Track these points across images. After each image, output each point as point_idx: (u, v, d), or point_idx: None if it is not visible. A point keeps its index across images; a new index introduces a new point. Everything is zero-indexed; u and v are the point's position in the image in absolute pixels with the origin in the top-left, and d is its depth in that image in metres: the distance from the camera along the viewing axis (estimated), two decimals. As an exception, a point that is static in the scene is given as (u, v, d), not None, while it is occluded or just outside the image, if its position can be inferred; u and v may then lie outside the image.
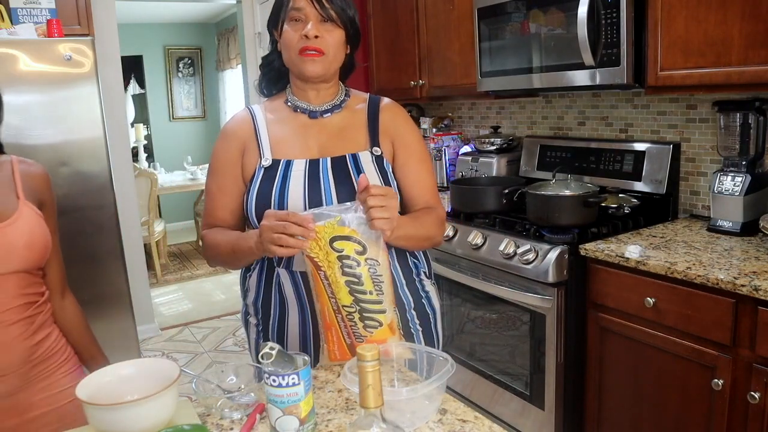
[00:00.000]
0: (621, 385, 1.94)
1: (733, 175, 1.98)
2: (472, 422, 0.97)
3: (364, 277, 1.10)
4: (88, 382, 0.97)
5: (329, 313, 1.12)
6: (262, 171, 1.28)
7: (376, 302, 1.12)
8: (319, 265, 1.09)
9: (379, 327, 1.13)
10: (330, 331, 1.14)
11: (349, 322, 1.12)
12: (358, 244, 1.09)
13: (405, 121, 1.39)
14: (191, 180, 5.82)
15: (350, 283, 1.10)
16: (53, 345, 1.23)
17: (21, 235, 1.14)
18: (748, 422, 1.59)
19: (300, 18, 1.24)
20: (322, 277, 1.10)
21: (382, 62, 3.43)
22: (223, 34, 6.72)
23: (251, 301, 1.39)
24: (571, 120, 2.76)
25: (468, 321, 2.44)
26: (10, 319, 1.13)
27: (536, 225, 2.18)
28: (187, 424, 0.93)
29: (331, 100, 1.35)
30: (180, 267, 5.67)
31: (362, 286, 1.10)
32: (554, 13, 2.19)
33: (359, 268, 1.09)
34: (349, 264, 1.09)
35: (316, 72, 1.26)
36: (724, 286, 1.58)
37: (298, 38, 1.24)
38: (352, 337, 1.13)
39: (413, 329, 1.40)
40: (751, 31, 1.70)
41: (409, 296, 1.39)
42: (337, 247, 1.08)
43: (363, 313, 1.11)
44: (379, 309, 1.12)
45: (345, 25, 1.27)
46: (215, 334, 4.00)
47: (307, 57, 1.24)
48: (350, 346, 1.14)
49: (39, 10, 3.02)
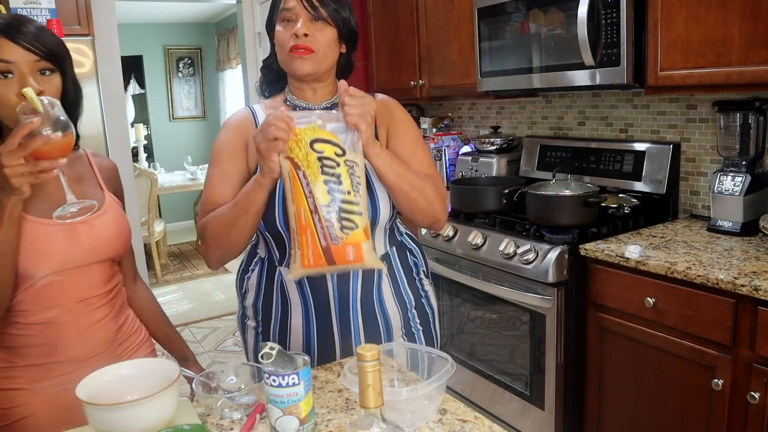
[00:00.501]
0: (621, 385, 1.94)
1: (733, 175, 1.98)
2: (472, 422, 0.97)
3: (343, 177, 1.11)
4: (88, 382, 0.97)
5: (305, 214, 1.11)
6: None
7: (354, 203, 1.12)
8: (298, 165, 1.10)
9: (355, 229, 1.12)
10: (305, 234, 1.11)
11: (326, 222, 1.11)
12: (337, 147, 1.11)
13: (399, 111, 1.39)
14: (191, 180, 5.82)
15: (329, 182, 1.11)
16: (131, 326, 1.32)
17: (112, 224, 1.22)
18: (748, 422, 1.59)
19: (291, 18, 1.25)
20: (301, 176, 1.10)
21: (382, 62, 3.43)
22: (223, 34, 6.72)
23: (250, 303, 1.38)
24: (571, 120, 2.76)
25: (468, 321, 2.44)
26: (97, 303, 1.21)
27: (536, 225, 2.18)
28: (187, 424, 0.94)
29: (329, 98, 1.35)
30: (180, 267, 5.67)
31: (341, 185, 1.11)
32: (554, 13, 2.19)
33: (339, 169, 1.11)
34: (329, 164, 1.10)
35: (306, 70, 1.26)
36: (724, 286, 1.58)
37: (288, 37, 1.25)
38: (328, 239, 1.11)
39: (414, 328, 1.40)
40: (751, 31, 1.70)
41: (410, 295, 1.39)
42: (317, 148, 1.10)
43: (341, 212, 1.11)
44: (356, 210, 1.12)
45: (337, 24, 1.27)
46: (215, 334, 4.00)
47: (296, 55, 1.24)
48: (325, 249, 1.11)
49: (39, 10, 3.01)
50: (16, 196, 1.00)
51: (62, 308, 1.16)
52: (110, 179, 1.31)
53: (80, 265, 1.17)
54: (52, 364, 1.16)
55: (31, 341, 1.15)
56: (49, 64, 1.10)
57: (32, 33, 1.08)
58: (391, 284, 1.36)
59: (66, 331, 1.16)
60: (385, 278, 1.34)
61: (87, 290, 1.19)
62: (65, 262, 1.15)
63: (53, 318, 1.15)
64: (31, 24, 1.09)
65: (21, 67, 1.06)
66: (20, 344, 1.15)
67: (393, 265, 1.37)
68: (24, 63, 1.06)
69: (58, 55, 1.12)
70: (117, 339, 1.25)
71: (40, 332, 1.15)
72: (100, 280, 1.22)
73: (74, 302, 1.17)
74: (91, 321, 1.20)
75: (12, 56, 1.05)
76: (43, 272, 1.13)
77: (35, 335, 1.15)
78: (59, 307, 1.15)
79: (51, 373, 1.16)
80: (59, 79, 1.13)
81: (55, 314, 1.15)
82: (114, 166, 1.35)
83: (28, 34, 1.07)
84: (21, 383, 1.16)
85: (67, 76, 1.15)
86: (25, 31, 1.07)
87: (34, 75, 1.08)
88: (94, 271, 1.20)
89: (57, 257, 1.13)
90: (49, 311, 1.15)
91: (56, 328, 1.16)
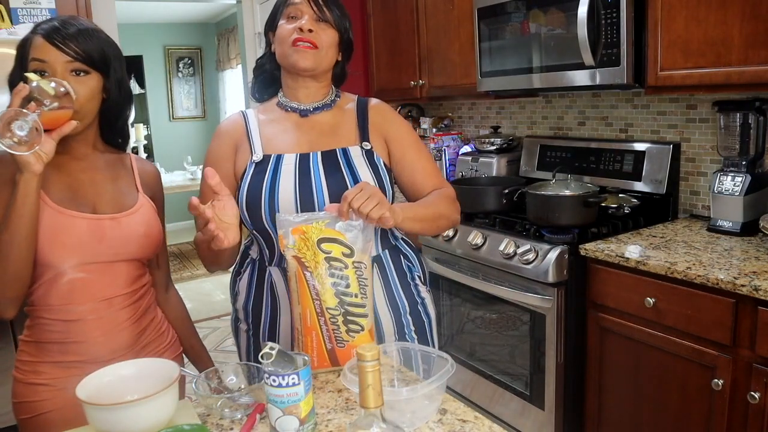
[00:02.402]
0: (621, 385, 1.94)
1: (733, 175, 1.98)
2: (472, 422, 0.97)
3: (351, 280, 1.10)
4: (88, 382, 0.97)
5: (311, 316, 1.11)
6: (253, 166, 1.29)
7: (360, 306, 1.12)
8: (305, 265, 1.09)
9: (360, 332, 1.12)
10: (309, 336, 1.12)
11: (332, 325, 1.11)
12: (345, 247, 1.10)
13: (393, 116, 1.41)
14: (191, 180, 5.82)
15: (336, 285, 1.10)
16: (158, 328, 1.33)
17: (140, 224, 1.24)
18: (748, 422, 1.59)
19: (296, 15, 1.28)
20: (308, 277, 1.10)
21: (382, 62, 3.43)
22: (223, 34, 6.72)
23: (241, 305, 1.38)
24: (571, 120, 2.76)
25: (468, 321, 2.44)
26: (121, 303, 1.23)
27: (536, 225, 2.18)
28: (187, 424, 0.93)
29: (322, 99, 1.36)
30: (180, 267, 5.67)
31: (348, 288, 1.10)
32: (554, 13, 2.19)
33: (347, 270, 1.10)
34: (336, 266, 1.09)
35: (307, 64, 1.27)
36: (724, 286, 1.58)
37: (291, 30, 1.27)
38: (333, 341, 1.12)
39: (408, 336, 1.38)
40: (751, 31, 1.70)
41: (404, 300, 1.38)
42: (325, 248, 1.09)
43: (347, 316, 1.11)
44: (362, 313, 1.12)
45: (339, 29, 1.31)
46: (215, 334, 4.00)
47: (299, 48, 1.26)
48: (330, 351, 1.12)
49: (39, 10, 3.01)
50: (28, 171, 1.03)
51: (86, 306, 1.18)
52: (149, 183, 1.33)
53: (104, 261, 1.19)
54: (75, 362, 1.19)
55: (55, 337, 1.19)
56: (83, 66, 1.14)
57: (70, 35, 1.13)
58: (384, 289, 1.35)
59: (89, 330, 1.19)
60: (377, 281, 1.33)
61: (111, 289, 1.21)
62: (87, 255, 1.17)
63: (77, 316, 1.18)
64: (73, 27, 1.15)
65: (54, 66, 1.12)
66: (46, 339, 1.19)
67: (386, 268, 1.36)
68: (57, 63, 1.12)
69: (97, 58, 1.16)
70: (140, 342, 1.26)
71: (64, 329, 1.18)
72: (126, 280, 1.23)
73: (98, 300, 1.19)
74: (114, 322, 1.22)
75: (47, 56, 1.12)
76: (65, 264, 1.15)
77: (60, 332, 1.18)
78: (83, 304, 1.18)
79: (74, 371, 1.17)
80: (97, 81, 1.17)
81: (79, 312, 1.18)
82: (155, 172, 1.37)
83: (66, 36, 1.13)
84: (46, 379, 1.19)
85: (110, 79, 1.20)
86: (63, 33, 1.13)
87: (67, 75, 1.13)
88: (120, 269, 1.22)
89: (79, 249, 1.16)
90: (73, 308, 1.18)
91: (80, 326, 1.19)
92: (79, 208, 1.19)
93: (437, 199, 1.33)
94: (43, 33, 1.13)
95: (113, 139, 1.30)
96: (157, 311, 1.35)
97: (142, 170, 1.33)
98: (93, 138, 1.25)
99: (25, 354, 1.21)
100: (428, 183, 1.36)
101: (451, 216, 1.34)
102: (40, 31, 1.14)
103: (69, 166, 1.22)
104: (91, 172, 1.24)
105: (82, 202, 1.20)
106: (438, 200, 1.32)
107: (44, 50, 1.12)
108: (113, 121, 1.26)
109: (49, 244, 1.13)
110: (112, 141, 1.30)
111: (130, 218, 1.23)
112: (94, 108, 1.19)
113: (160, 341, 1.33)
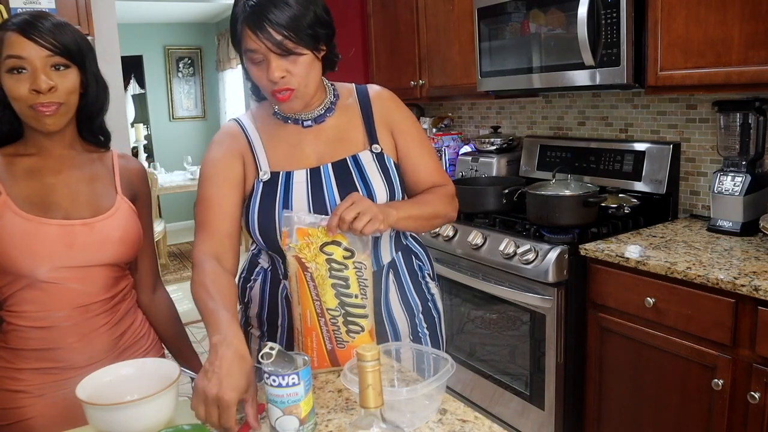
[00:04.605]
0: (621, 385, 1.93)
1: (733, 175, 1.98)
2: (472, 422, 0.97)
3: (351, 280, 1.11)
4: (87, 382, 0.97)
5: (311, 317, 1.11)
6: (261, 185, 1.23)
7: (360, 306, 1.12)
8: (306, 266, 1.09)
9: (360, 332, 1.13)
10: (310, 337, 1.12)
11: (332, 326, 1.11)
12: (345, 250, 1.10)
13: (397, 106, 1.35)
14: (191, 180, 5.81)
15: (337, 286, 1.10)
16: (137, 331, 1.28)
17: (116, 229, 1.19)
18: (748, 422, 1.59)
19: (259, 59, 1.14)
20: (309, 278, 1.10)
21: (382, 62, 3.42)
22: (223, 34, 6.71)
23: (254, 314, 1.35)
24: (571, 120, 2.76)
25: (468, 321, 2.44)
26: (98, 309, 1.19)
27: (536, 225, 2.17)
28: (187, 424, 0.93)
29: (320, 105, 1.28)
30: (180, 267, 5.67)
31: (348, 289, 1.11)
32: (554, 13, 2.19)
33: (347, 271, 1.10)
34: (337, 267, 1.10)
35: (295, 108, 1.22)
36: (724, 286, 1.58)
37: (265, 81, 1.16)
38: (333, 342, 1.12)
39: (421, 333, 1.39)
40: (751, 31, 1.70)
41: (417, 300, 1.37)
42: (326, 251, 1.10)
43: (347, 317, 1.11)
44: (362, 313, 1.12)
45: (307, 45, 1.14)
46: (215, 334, 3.99)
47: (279, 100, 1.18)
48: (330, 352, 1.13)
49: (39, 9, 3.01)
50: None
51: (61, 313, 1.15)
52: (131, 183, 1.27)
53: (78, 266, 1.15)
54: (53, 368, 1.16)
55: (31, 344, 1.15)
56: (63, 60, 1.10)
57: (47, 29, 1.08)
58: (398, 291, 1.35)
59: (65, 336, 1.15)
60: (392, 285, 1.33)
61: (86, 296, 1.17)
62: (59, 261, 1.13)
63: (52, 323, 1.14)
64: (47, 20, 1.10)
65: (33, 62, 1.07)
66: (21, 347, 1.15)
67: (399, 271, 1.35)
68: (36, 58, 1.07)
69: (75, 51, 1.12)
70: (118, 346, 1.23)
71: (39, 336, 1.15)
72: (102, 285, 1.19)
73: (73, 307, 1.16)
74: (91, 327, 1.18)
75: (24, 52, 1.07)
76: (37, 271, 1.11)
77: (35, 339, 1.15)
78: (58, 311, 1.14)
79: (53, 378, 1.16)
80: (76, 75, 1.13)
81: (55, 319, 1.14)
82: (140, 169, 1.31)
83: (42, 30, 1.08)
84: (24, 386, 1.15)
85: (88, 72, 1.16)
86: (39, 27, 1.08)
87: (48, 70, 1.09)
88: (96, 274, 1.17)
89: (49, 256, 1.12)
90: (48, 315, 1.14)
91: (55, 333, 1.15)
92: (50, 213, 1.13)
93: (435, 198, 1.31)
94: (16, 28, 1.07)
95: (94, 137, 1.24)
96: (138, 314, 1.31)
97: (125, 168, 1.27)
98: (70, 137, 1.19)
99: (2, 360, 1.16)
100: (430, 180, 1.35)
101: (448, 214, 1.33)
102: (12, 27, 1.08)
103: (42, 169, 1.16)
104: (66, 173, 1.18)
105: (53, 208, 1.14)
106: (435, 199, 1.30)
107: (20, 46, 1.06)
108: (93, 116, 1.21)
109: (20, 252, 1.09)
110: (93, 140, 1.24)
111: (105, 223, 1.18)
112: (74, 104, 1.14)
113: (141, 344, 1.28)
